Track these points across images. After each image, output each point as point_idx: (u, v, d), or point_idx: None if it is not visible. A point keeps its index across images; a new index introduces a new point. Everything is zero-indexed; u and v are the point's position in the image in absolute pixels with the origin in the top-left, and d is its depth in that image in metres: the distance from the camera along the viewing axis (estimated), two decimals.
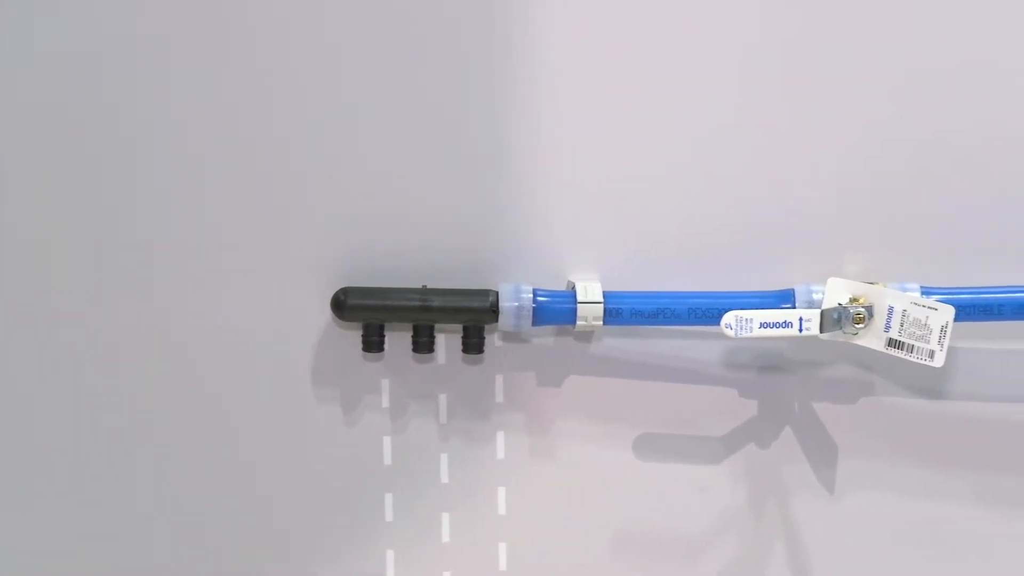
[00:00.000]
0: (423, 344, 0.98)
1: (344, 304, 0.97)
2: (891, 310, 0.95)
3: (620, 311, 0.98)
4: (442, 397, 1.02)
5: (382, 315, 0.97)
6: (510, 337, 1.02)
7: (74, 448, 1.00)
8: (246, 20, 0.98)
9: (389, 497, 1.02)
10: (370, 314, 0.97)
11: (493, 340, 1.02)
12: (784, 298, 0.99)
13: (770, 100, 1.00)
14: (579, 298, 0.97)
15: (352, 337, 0.99)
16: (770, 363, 1.03)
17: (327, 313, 0.98)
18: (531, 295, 0.97)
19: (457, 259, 1.00)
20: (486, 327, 0.98)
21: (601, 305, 0.97)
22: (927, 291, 0.98)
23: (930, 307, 0.95)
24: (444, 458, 1.02)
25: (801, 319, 0.96)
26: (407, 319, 0.98)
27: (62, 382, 1.00)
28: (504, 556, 1.03)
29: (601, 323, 0.97)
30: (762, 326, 0.95)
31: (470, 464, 1.02)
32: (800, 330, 0.95)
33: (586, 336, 1.02)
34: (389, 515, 1.02)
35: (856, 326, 0.96)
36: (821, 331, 0.96)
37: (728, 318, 0.95)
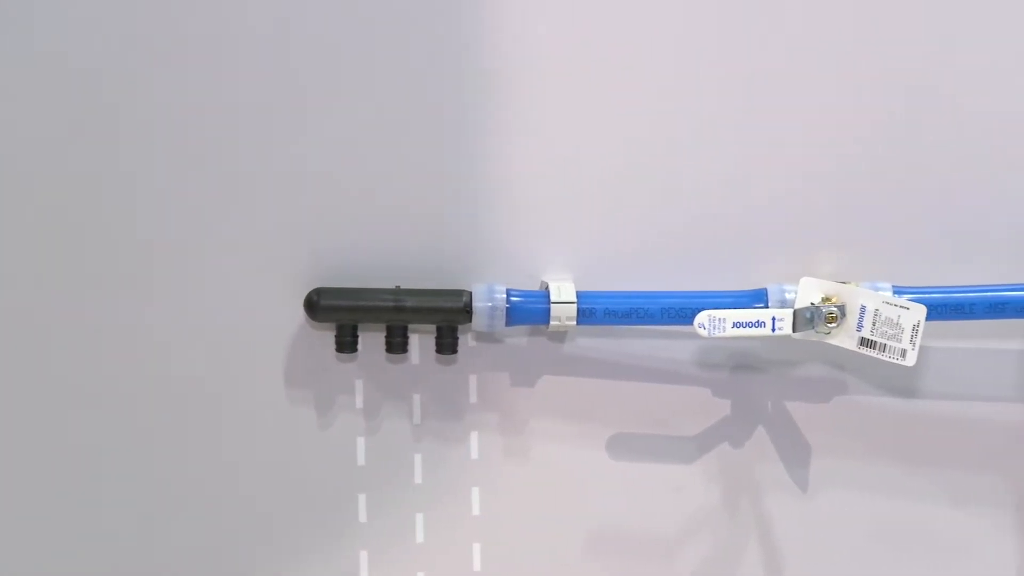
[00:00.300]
0: (397, 344, 0.98)
1: (317, 305, 0.97)
2: (863, 309, 0.96)
3: (593, 311, 0.98)
4: (416, 397, 1.02)
5: (355, 315, 0.97)
6: (484, 337, 1.02)
7: (44, 446, 1.00)
8: (246, 20, 0.98)
9: (363, 498, 1.02)
10: (343, 314, 0.97)
11: (467, 340, 1.01)
12: (757, 298, 0.99)
13: (742, 100, 1.01)
14: (552, 298, 0.97)
15: (325, 338, 0.99)
16: (743, 363, 1.03)
17: (300, 314, 0.98)
18: (504, 295, 0.97)
19: (430, 259, 1.00)
20: (460, 327, 0.98)
21: (574, 305, 0.97)
22: (899, 290, 0.98)
23: (902, 306, 0.95)
24: (418, 458, 1.02)
25: (774, 319, 0.96)
26: (380, 319, 0.97)
27: (35, 381, 0.99)
28: (478, 556, 1.03)
29: (575, 323, 0.97)
30: (735, 326, 0.95)
31: (444, 464, 1.02)
32: (773, 330, 0.96)
33: (560, 336, 1.02)
34: (363, 516, 1.02)
35: (828, 325, 0.96)
36: (794, 331, 0.96)
37: (701, 318, 0.95)
